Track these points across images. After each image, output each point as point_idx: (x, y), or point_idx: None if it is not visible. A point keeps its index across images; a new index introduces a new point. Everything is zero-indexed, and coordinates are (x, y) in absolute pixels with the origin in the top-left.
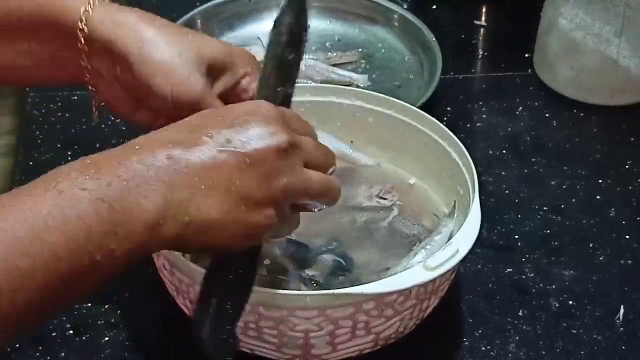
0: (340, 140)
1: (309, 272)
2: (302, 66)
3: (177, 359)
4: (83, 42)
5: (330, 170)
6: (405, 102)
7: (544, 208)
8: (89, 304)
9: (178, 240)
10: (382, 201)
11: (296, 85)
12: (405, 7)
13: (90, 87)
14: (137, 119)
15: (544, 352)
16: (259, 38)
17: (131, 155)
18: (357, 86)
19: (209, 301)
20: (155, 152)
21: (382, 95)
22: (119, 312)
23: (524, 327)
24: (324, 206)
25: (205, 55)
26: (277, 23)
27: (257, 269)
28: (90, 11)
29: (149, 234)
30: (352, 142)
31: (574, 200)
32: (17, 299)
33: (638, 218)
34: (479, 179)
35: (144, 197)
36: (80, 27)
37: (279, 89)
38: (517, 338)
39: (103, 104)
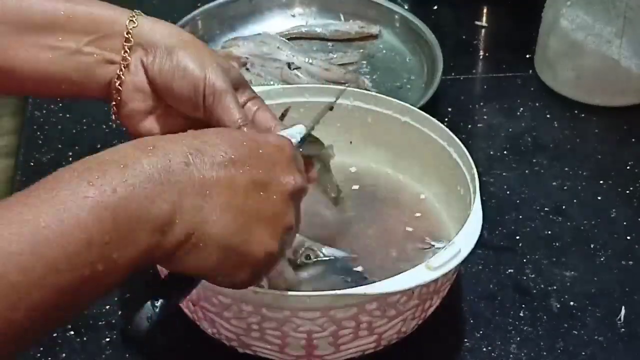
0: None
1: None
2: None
3: None
4: (129, 33)
5: None
6: (406, 102)
7: (545, 209)
8: None
9: (177, 254)
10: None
11: (295, 86)
12: (406, 7)
13: (116, 84)
14: (144, 125)
15: (545, 353)
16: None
17: (142, 156)
18: (358, 87)
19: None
20: (171, 156)
21: (382, 95)
22: (119, 313)
23: (525, 328)
24: None
25: (228, 70)
26: None
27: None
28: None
29: (153, 242)
30: (351, 142)
31: (575, 201)
32: (14, 317)
33: (639, 219)
34: (479, 179)
35: (151, 202)
36: (131, 19)
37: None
38: (518, 339)
39: (115, 106)
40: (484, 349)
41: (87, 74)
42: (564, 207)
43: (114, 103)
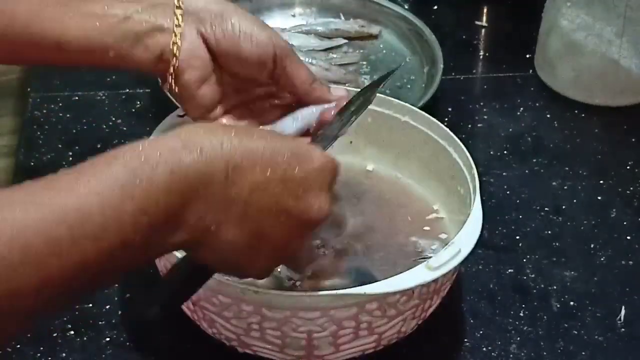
0: None
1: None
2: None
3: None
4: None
5: None
6: (407, 102)
7: (545, 209)
8: (90, 305)
9: (196, 257)
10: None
11: None
12: (406, 7)
13: (174, 50)
14: (200, 92)
15: (545, 353)
16: None
17: (190, 162)
18: (358, 87)
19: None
20: (214, 166)
21: (382, 95)
22: (119, 312)
23: (525, 328)
24: None
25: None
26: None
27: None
28: None
29: (173, 244)
30: (351, 142)
31: (575, 200)
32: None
33: (639, 219)
34: (479, 179)
35: (183, 211)
36: None
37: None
38: (518, 339)
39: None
40: (484, 349)
41: (136, 43)
42: (564, 207)
43: (170, 72)
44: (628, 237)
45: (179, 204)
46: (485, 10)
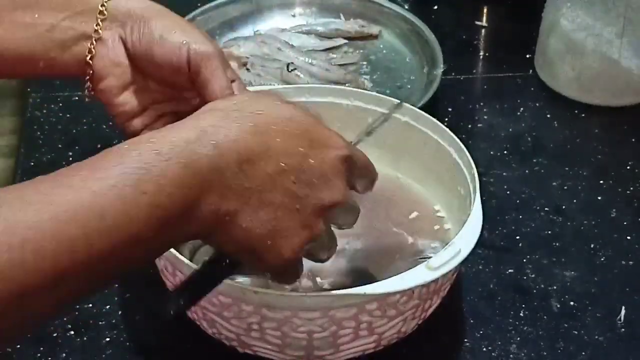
0: None
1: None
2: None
3: None
4: (103, 6)
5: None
6: (407, 102)
7: (545, 209)
8: (90, 305)
9: (211, 244)
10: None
11: (295, 86)
12: (406, 7)
13: (87, 58)
14: (120, 100)
15: (545, 353)
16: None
17: (204, 157)
18: (358, 87)
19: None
20: (227, 158)
21: (382, 95)
22: (120, 312)
23: (525, 328)
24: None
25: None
26: None
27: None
28: None
29: (188, 235)
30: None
31: (575, 201)
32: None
33: (639, 219)
34: (480, 179)
35: (197, 204)
36: None
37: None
38: (518, 339)
39: (90, 81)
40: (484, 349)
41: (63, 52)
42: (564, 207)
43: (87, 78)
44: (628, 237)
45: (193, 197)
46: (485, 10)
